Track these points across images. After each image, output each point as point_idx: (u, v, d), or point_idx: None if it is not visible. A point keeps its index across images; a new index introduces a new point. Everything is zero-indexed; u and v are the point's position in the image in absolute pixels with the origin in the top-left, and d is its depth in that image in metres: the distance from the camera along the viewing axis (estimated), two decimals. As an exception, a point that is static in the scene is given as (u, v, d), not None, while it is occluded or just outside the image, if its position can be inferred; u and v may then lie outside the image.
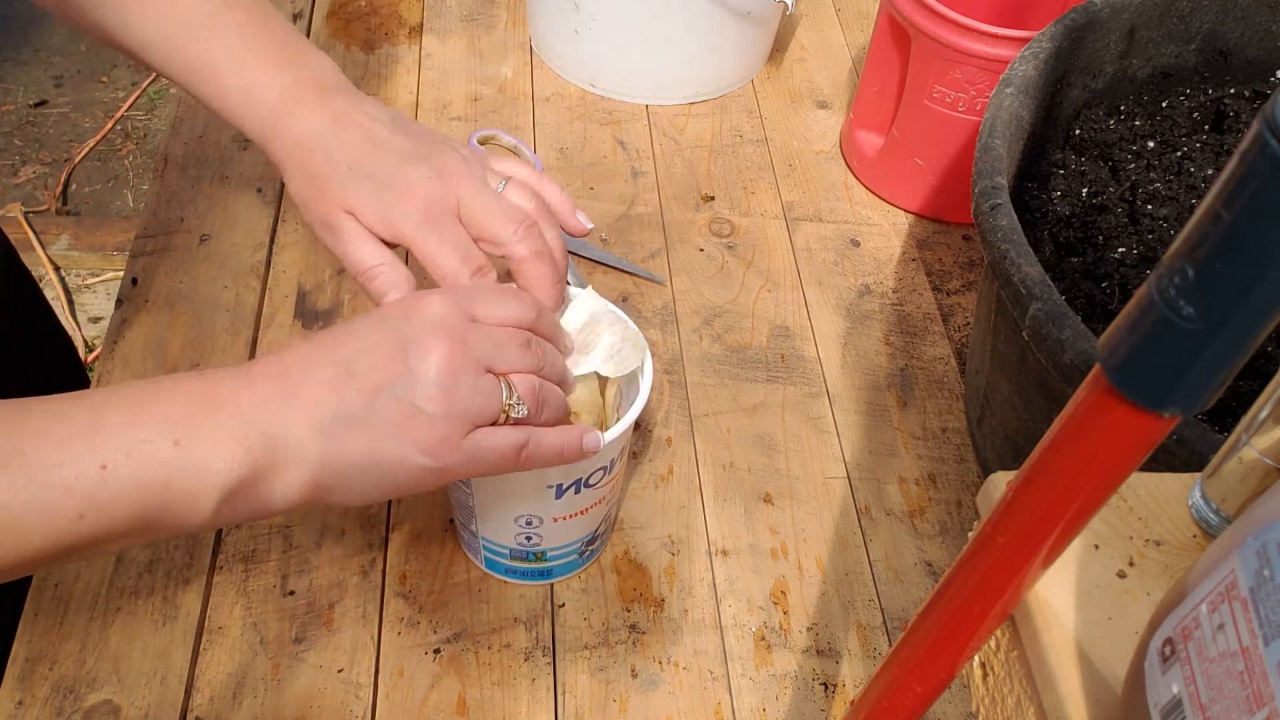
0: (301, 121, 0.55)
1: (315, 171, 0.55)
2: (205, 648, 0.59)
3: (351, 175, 0.54)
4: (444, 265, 0.54)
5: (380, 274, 0.55)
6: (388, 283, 0.55)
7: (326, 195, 0.55)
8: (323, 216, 0.56)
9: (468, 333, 0.46)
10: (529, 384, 0.48)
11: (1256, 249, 0.19)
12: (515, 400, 0.47)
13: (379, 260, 0.55)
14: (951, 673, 0.34)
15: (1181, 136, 0.69)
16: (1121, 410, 0.23)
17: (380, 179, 0.54)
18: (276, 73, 0.56)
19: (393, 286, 0.55)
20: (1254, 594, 0.24)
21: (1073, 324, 0.49)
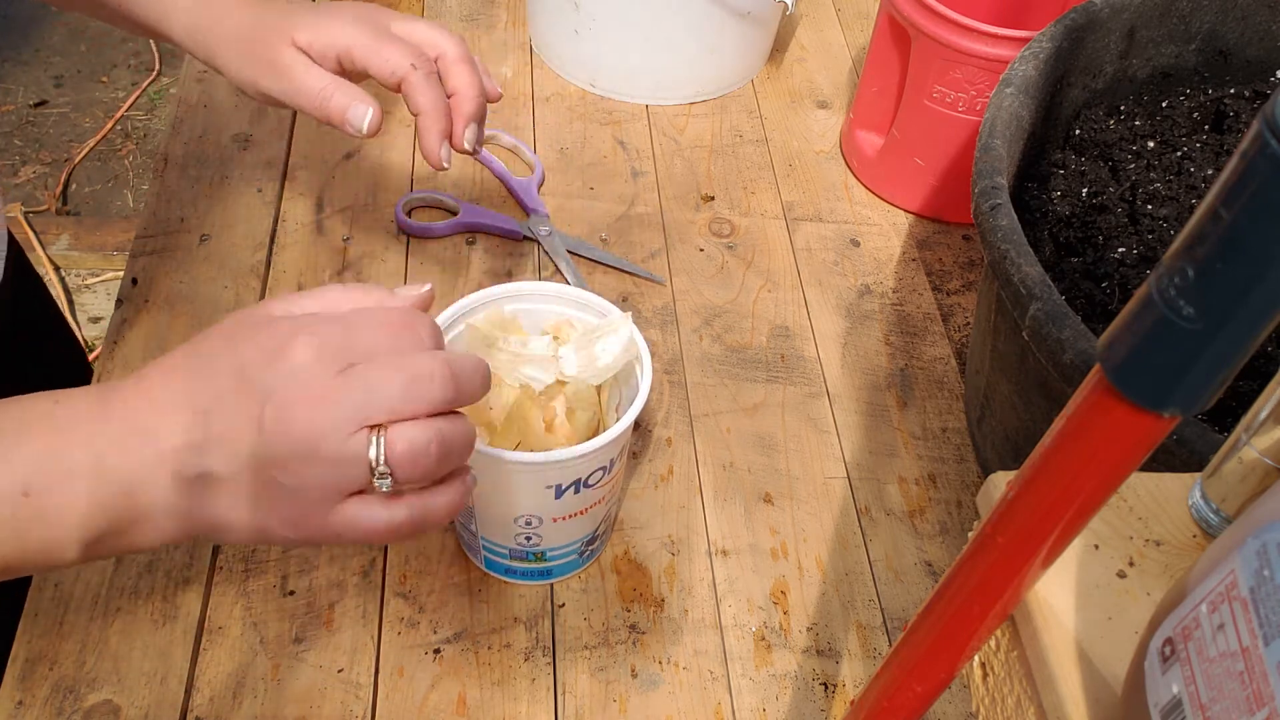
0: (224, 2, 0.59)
1: (248, 30, 0.58)
2: (205, 648, 0.59)
3: (283, 13, 0.58)
4: (385, 55, 0.56)
5: (334, 93, 0.57)
6: (344, 98, 0.57)
7: (263, 42, 0.58)
8: (267, 63, 0.58)
9: (334, 388, 0.39)
10: (408, 442, 0.39)
11: (1256, 249, 0.19)
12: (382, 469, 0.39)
13: (327, 80, 0.57)
14: (952, 673, 0.34)
15: (1181, 136, 0.69)
16: (1121, 410, 0.23)
17: (309, 7, 0.59)
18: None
19: (351, 100, 0.57)
20: (1254, 594, 0.24)
21: (1073, 324, 0.49)
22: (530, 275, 0.79)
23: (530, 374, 0.58)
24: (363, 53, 0.57)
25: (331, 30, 0.57)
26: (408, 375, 0.39)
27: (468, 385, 0.41)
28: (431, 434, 0.39)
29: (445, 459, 0.40)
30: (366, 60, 0.57)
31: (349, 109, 0.57)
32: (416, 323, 0.41)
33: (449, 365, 0.40)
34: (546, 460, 0.53)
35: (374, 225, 0.81)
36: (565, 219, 0.83)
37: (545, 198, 0.84)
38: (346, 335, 0.40)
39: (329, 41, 0.57)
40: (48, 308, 0.83)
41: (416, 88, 0.57)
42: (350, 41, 0.57)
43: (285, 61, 0.57)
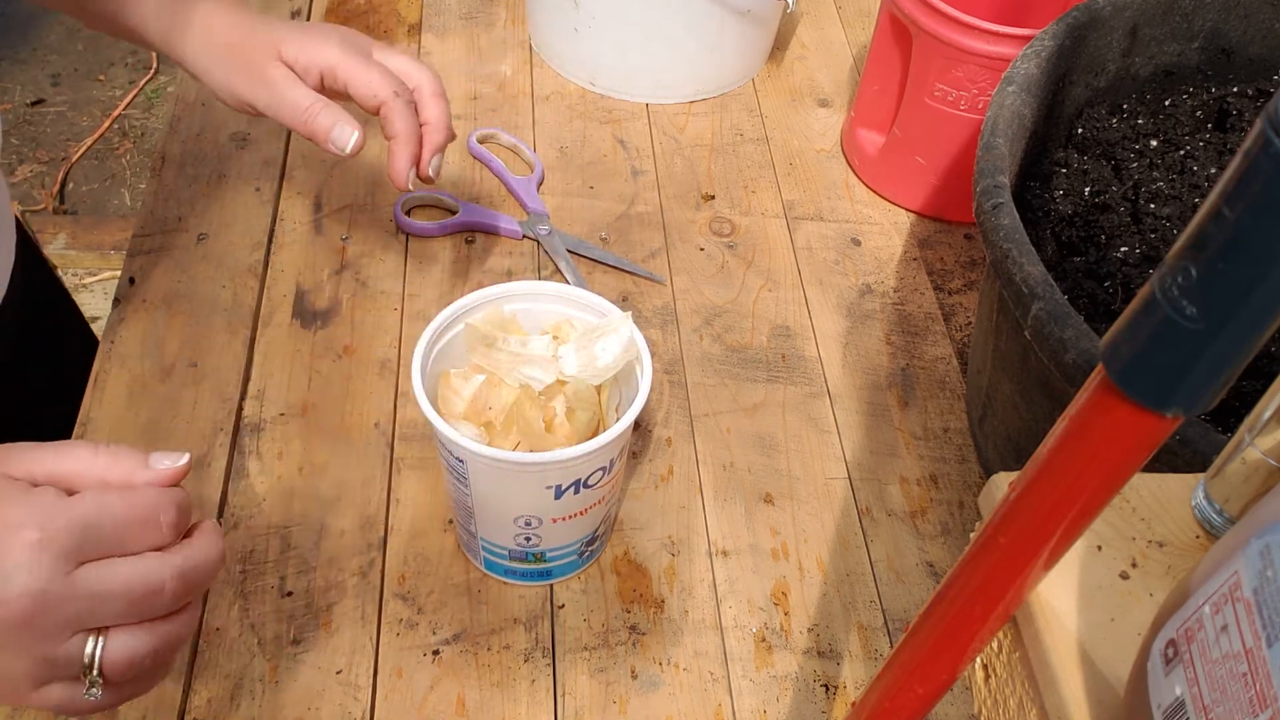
0: (205, 12, 0.60)
1: (232, 41, 0.59)
2: (203, 649, 0.59)
3: (271, 27, 0.60)
4: (368, 79, 0.59)
5: (319, 111, 0.59)
6: (330, 117, 0.59)
7: (249, 53, 0.59)
8: (251, 74, 0.59)
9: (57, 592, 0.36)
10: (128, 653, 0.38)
11: (1260, 248, 0.19)
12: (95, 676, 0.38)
13: (314, 98, 0.59)
14: (954, 674, 0.34)
15: (1184, 135, 0.68)
16: (1124, 410, 0.23)
17: (295, 25, 0.60)
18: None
19: (336, 120, 0.59)
20: (1257, 595, 0.24)
21: (1075, 324, 0.49)
22: (530, 275, 0.79)
23: (530, 374, 0.58)
24: (346, 73, 0.59)
25: (318, 48, 0.59)
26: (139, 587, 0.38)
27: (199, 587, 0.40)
28: (153, 643, 0.39)
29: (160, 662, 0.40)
30: (350, 80, 0.59)
31: (334, 128, 0.59)
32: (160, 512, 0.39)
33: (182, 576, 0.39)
34: (546, 460, 0.53)
35: (372, 224, 0.81)
36: (565, 218, 0.83)
37: (545, 197, 0.84)
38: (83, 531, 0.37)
39: (314, 59, 0.59)
40: (58, 295, 0.84)
41: (396, 113, 0.59)
42: (335, 61, 0.59)
43: (271, 74, 0.59)
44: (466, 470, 0.55)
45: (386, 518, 0.65)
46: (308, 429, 0.68)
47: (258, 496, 0.65)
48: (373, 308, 0.76)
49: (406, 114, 0.60)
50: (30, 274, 0.76)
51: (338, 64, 0.59)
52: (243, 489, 0.65)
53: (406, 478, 0.67)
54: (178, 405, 0.69)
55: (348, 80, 0.59)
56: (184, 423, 0.68)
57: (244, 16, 0.61)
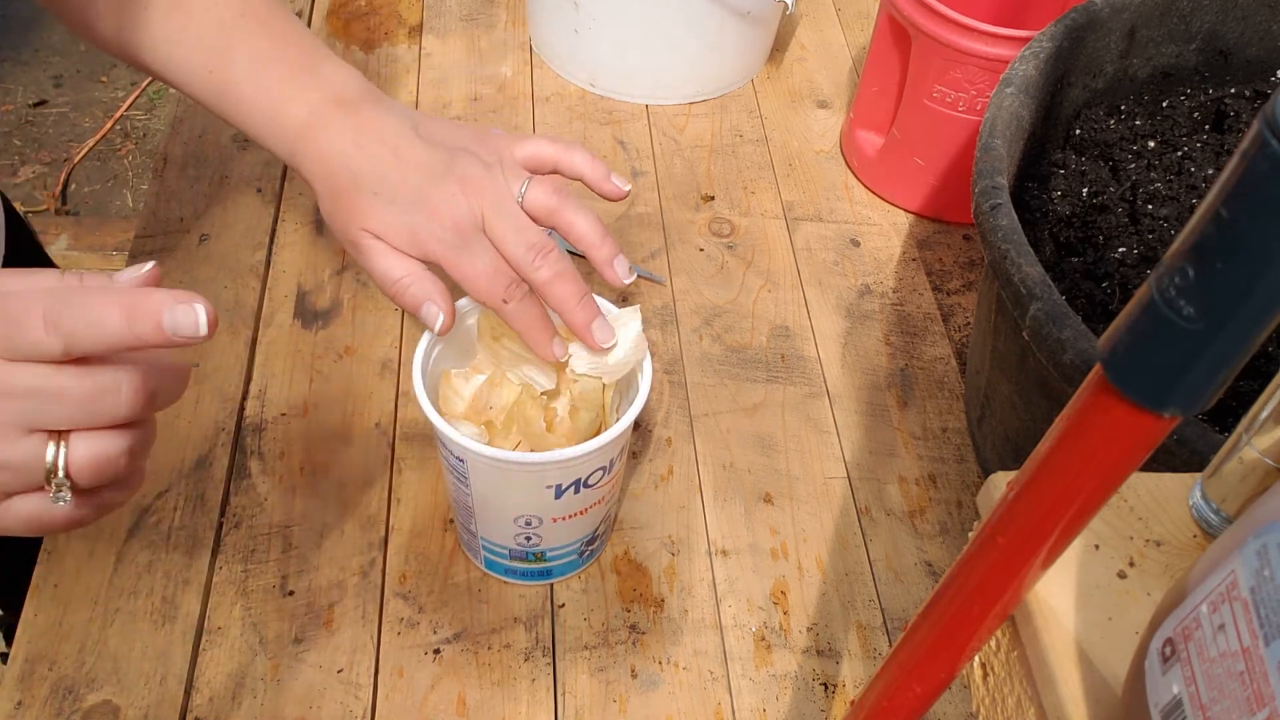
0: (325, 142, 0.56)
1: (340, 192, 0.56)
2: (205, 648, 0.59)
3: (377, 200, 0.55)
4: (475, 286, 0.55)
5: (410, 285, 0.55)
6: (420, 294, 0.55)
7: (352, 217, 0.56)
8: (349, 235, 0.57)
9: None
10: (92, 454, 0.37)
11: (1257, 248, 0.19)
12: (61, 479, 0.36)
13: (406, 272, 0.55)
14: (952, 673, 0.34)
15: (1182, 136, 0.68)
16: (1122, 410, 0.23)
17: (404, 202, 0.55)
18: (298, 92, 0.56)
19: (426, 297, 0.55)
20: (1254, 594, 0.24)
21: (1073, 324, 0.49)
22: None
23: (531, 373, 0.58)
24: (452, 274, 0.55)
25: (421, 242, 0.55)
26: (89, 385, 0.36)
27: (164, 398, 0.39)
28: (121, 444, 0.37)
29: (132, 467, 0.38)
30: (459, 283, 0.55)
31: (422, 306, 0.55)
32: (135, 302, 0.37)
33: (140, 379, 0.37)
34: (546, 460, 0.53)
35: (374, 225, 0.81)
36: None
37: (545, 197, 0.84)
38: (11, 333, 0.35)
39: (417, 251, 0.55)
40: None
41: (513, 316, 0.55)
42: (439, 260, 0.55)
43: (367, 244, 0.56)
44: (467, 470, 0.55)
45: (387, 517, 0.65)
46: (309, 429, 0.68)
47: (259, 496, 0.65)
48: (374, 308, 0.76)
49: (523, 312, 0.55)
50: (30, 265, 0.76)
51: (443, 263, 0.55)
52: (244, 489, 0.65)
53: (407, 477, 0.67)
54: (179, 405, 0.69)
55: (458, 282, 0.55)
56: (186, 422, 0.68)
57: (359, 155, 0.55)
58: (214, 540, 0.63)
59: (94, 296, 0.36)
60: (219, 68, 0.57)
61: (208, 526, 0.63)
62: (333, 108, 0.56)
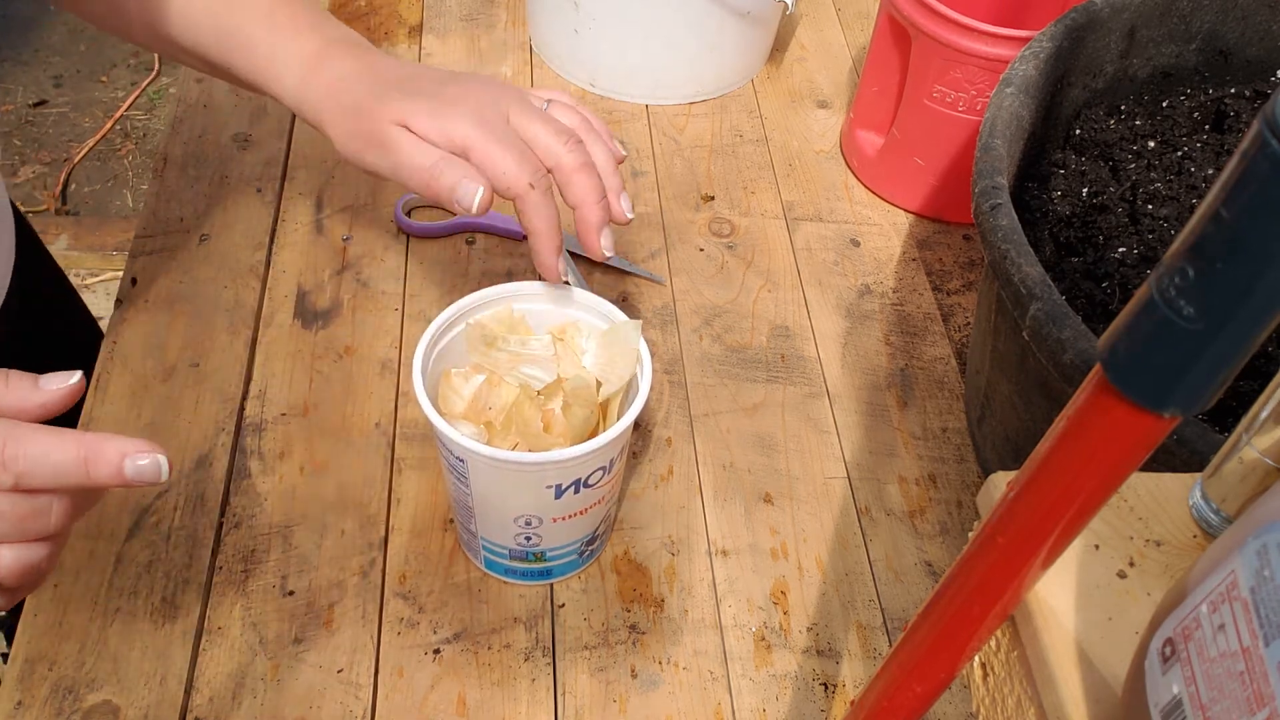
0: (334, 67, 0.56)
1: (357, 102, 0.56)
2: (205, 648, 0.59)
3: (400, 91, 0.55)
4: (503, 167, 0.53)
5: (443, 169, 0.53)
6: (454, 175, 0.53)
7: (373, 115, 0.55)
8: (372, 135, 0.55)
9: None
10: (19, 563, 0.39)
11: (1257, 249, 0.19)
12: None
13: (437, 157, 0.54)
14: (952, 673, 0.34)
15: (1182, 136, 0.68)
16: (1122, 410, 0.23)
17: (428, 93, 0.55)
18: (306, 33, 0.58)
19: (461, 177, 0.53)
20: (1254, 594, 0.24)
21: (1073, 324, 0.49)
22: (530, 275, 0.79)
23: (530, 373, 0.58)
24: (479, 158, 0.54)
25: (448, 126, 0.54)
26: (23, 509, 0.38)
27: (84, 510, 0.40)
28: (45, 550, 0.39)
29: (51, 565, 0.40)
30: (481, 167, 0.54)
31: (457, 185, 0.53)
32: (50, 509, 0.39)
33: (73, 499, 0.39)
34: (546, 460, 0.53)
35: (374, 225, 0.81)
36: (565, 218, 0.83)
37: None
38: None
39: (443, 137, 0.54)
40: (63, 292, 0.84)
41: (533, 208, 0.54)
42: (467, 143, 0.54)
43: (393, 137, 0.54)
44: (466, 470, 0.55)
45: (387, 517, 0.65)
46: (309, 429, 0.68)
47: (259, 496, 0.65)
48: (374, 308, 0.76)
49: (543, 207, 0.54)
50: (33, 272, 0.76)
51: (469, 146, 0.53)
52: (244, 489, 0.65)
53: (407, 477, 0.67)
54: (179, 405, 0.69)
55: (479, 165, 0.54)
56: (186, 423, 0.68)
57: (371, 78, 0.56)
58: (214, 540, 0.63)
59: (48, 439, 0.38)
60: (226, 13, 0.58)
61: (208, 526, 0.63)
62: (342, 45, 0.57)
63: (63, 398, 0.40)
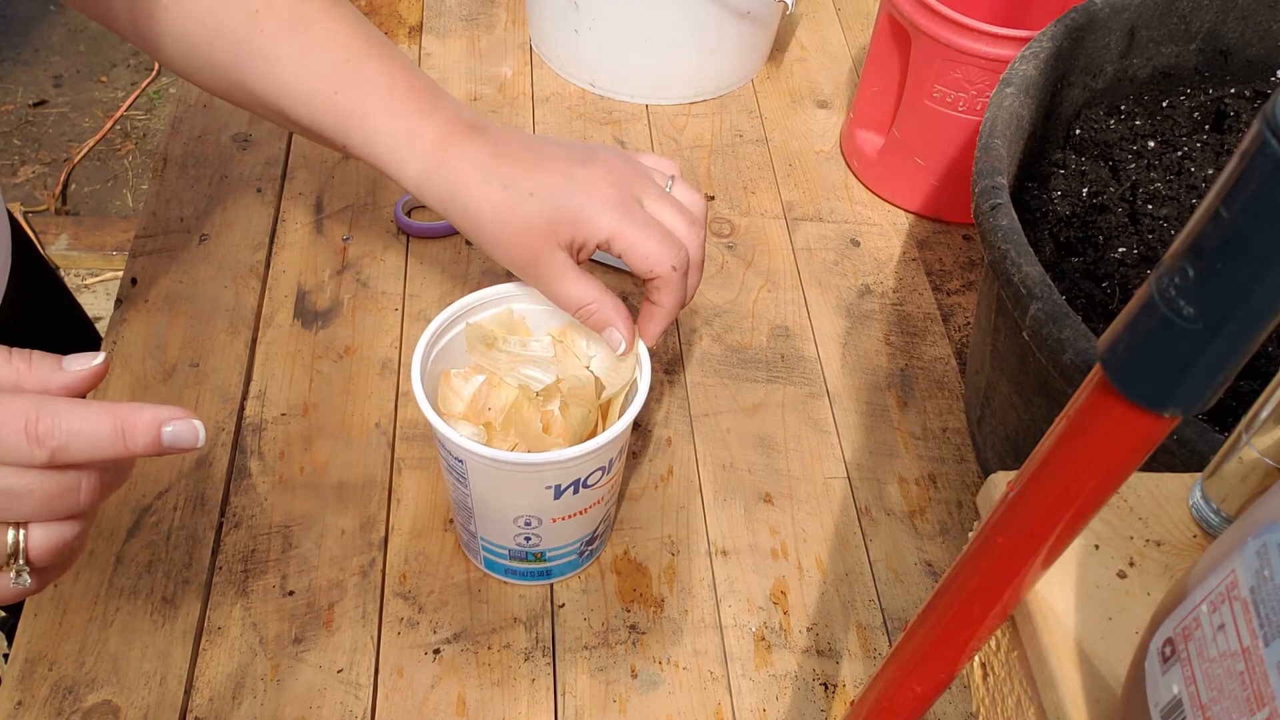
0: (463, 156, 0.55)
1: (496, 207, 0.55)
2: (205, 648, 0.59)
3: (534, 200, 0.54)
4: (646, 251, 0.54)
5: (597, 310, 0.56)
6: (607, 318, 0.56)
7: (518, 231, 0.55)
8: (522, 258, 0.56)
9: None
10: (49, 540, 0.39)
11: (1257, 249, 0.19)
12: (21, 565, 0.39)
13: (592, 296, 0.56)
14: (952, 673, 0.34)
15: (1182, 136, 0.69)
16: (1122, 410, 0.23)
17: (561, 189, 0.55)
18: (427, 115, 0.56)
19: (613, 320, 0.56)
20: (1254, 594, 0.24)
21: (1073, 324, 0.49)
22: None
23: (529, 374, 0.58)
24: (622, 247, 0.55)
25: (596, 224, 0.54)
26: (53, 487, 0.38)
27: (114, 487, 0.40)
28: (76, 529, 0.39)
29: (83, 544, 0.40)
30: (626, 255, 0.55)
31: (607, 330, 0.56)
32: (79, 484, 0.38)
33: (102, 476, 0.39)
34: (545, 460, 0.53)
35: (373, 225, 0.81)
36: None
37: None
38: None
39: (591, 237, 0.55)
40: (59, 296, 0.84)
41: (669, 287, 0.56)
42: (612, 234, 0.55)
43: (554, 269, 0.55)
44: (466, 470, 0.55)
45: (387, 517, 0.65)
46: (309, 429, 0.68)
47: (259, 496, 0.65)
48: (374, 308, 0.76)
49: (679, 288, 0.56)
50: (30, 275, 0.76)
51: (614, 236, 0.55)
52: (244, 489, 0.65)
53: (407, 477, 0.67)
54: (179, 405, 0.69)
55: (623, 254, 0.55)
56: (185, 423, 0.68)
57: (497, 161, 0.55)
58: (214, 540, 0.63)
59: (82, 411, 0.37)
60: (345, 93, 0.56)
61: (208, 526, 0.63)
62: (462, 128, 0.56)
63: (86, 379, 0.40)
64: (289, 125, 0.59)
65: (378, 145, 0.56)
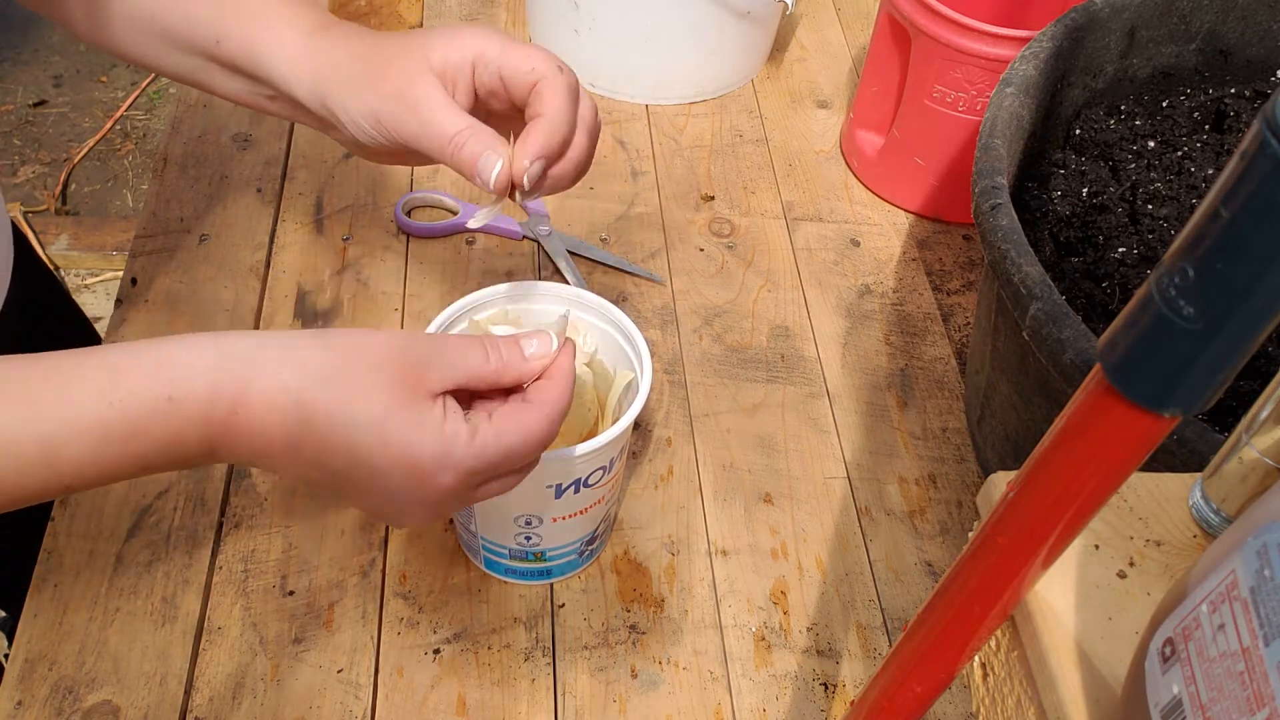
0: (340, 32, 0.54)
1: (374, 53, 0.53)
2: (205, 648, 0.59)
3: (409, 38, 0.53)
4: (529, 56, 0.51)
5: (467, 139, 0.51)
6: (478, 145, 0.51)
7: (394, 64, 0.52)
8: (396, 90, 0.52)
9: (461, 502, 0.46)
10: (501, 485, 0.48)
11: (1257, 248, 0.19)
12: None
13: (463, 124, 0.51)
14: (952, 673, 0.34)
15: (1182, 136, 0.69)
16: (1122, 410, 0.23)
17: (441, 30, 0.53)
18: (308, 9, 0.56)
19: (484, 148, 0.51)
20: (1254, 594, 0.24)
21: (1073, 324, 0.49)
22: (530, 275, 0.79)
23: None
24: (500, 54, 0.52)
25: (464, 39, 0.52)
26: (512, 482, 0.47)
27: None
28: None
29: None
30: (505, 60, 0.52)
31: (480, 157, 0.51)
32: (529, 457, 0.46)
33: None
34: (546, 460, 0.53)
35: (373, 225, 0.81)
36: (565, 219, 0.83)
37: (545, 198, 0.84)
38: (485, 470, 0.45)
39: (463, 52, 0.52)
40: (58, 297, 0.84)
41: (552, 89, 0.51)
42: (484, 46, 0.52)
43: (419, 94, 0.52)
44: (467, 470, 0.55)
45: (387, 517, 0.65)
46: (308, 429, 0.68)
47: (259, 496, 0.65)
48: (374, 308, 0.76)
49: (564, 96, 0.51)
50: (29, 277, 0.76)
51: (489, 46, 0.52)
52: (245, 489, 0.65)
53: (407, 478, 0.67)
54: (179, 405, 0.69)
55: (502, 61, 0.52)
56: (185, 423, 0.68)
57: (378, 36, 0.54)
58: (214, 540, 0.63)
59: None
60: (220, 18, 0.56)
61: (208, 526, 0.63)
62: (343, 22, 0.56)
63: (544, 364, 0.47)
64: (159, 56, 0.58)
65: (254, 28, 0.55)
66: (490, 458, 0.44)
